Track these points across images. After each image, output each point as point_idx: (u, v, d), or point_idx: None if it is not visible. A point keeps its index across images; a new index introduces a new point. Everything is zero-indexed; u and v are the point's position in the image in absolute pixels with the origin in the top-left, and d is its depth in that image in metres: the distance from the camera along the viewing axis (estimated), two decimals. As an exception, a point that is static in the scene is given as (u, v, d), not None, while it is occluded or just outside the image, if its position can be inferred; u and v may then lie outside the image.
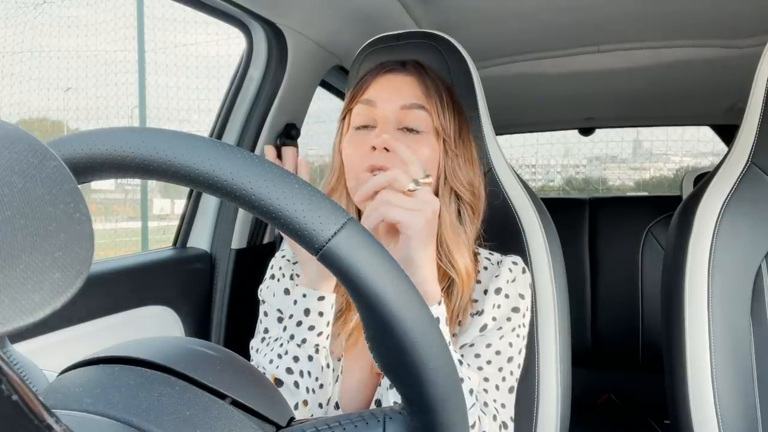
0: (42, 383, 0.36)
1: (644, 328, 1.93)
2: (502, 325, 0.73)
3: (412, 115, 0.73)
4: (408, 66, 0.77)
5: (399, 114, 0.73)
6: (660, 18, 1.35)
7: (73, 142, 0.30)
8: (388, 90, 0.74)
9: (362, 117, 0.75)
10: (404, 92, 0.74)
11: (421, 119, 0.73)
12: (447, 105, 0.75)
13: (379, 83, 0.75)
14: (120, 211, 5.34)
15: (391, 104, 0.73)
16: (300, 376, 0.66)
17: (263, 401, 0.34)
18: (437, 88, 0.75)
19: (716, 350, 0.81)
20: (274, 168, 0.30)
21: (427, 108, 0.73)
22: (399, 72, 0.76)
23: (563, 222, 1.12)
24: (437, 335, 0.31)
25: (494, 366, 0.71)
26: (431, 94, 0.74)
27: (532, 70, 1.67)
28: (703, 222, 0.85)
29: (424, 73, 0.76)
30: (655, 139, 5.39)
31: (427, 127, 0.74)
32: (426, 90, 0.74)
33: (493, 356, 0.71)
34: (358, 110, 0.75)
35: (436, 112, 0.74)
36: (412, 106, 0.73)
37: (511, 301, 0.75)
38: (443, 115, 0.74)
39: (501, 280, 0.75)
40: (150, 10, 4.14)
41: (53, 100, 4.67)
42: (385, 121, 0.73)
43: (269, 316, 0.78)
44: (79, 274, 0.20)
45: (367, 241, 0.30)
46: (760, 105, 0.86)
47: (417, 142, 0.73)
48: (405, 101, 0.73)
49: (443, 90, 0.76)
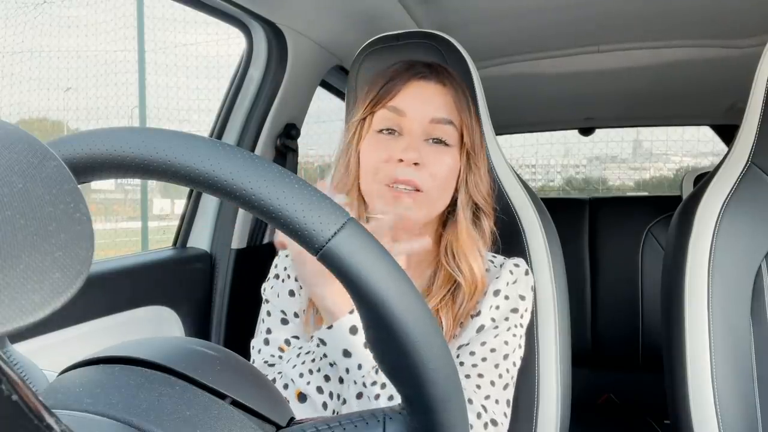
0: (42, 383, 0.36)
1: (644, 328, 1.93)
2: (498, 325, 0.73)
3: (441, 129, 0.73)
4: (438, 72, 0.75)
5: (428, 126, 0.72)
6: (660, 18, 1.35)
7: (73, 142, 0.30)
8: (418, 100, 0.73)
9: (388, 122, 0.73)
10: (435, 104, 0.73)
11: (448, 133, 0.73)
12: (473, 118, 0.75)
13: (409, 91, 0.73)
14: (120, 211, 5.34)
15: (422, 116, 0.72)
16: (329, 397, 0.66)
17: (263, 401, 0.34)
18: (466, 100, 0.75)
19: (716, 350, 0.81)
20: (274, 168, 0.30)
21: (456, 124, 0.73)
22: (429, 80, 0.74)
23: (563, 222, 1.12)
24: (438, 335, 0.31)
25: (490, 363, 0.71)
26: (462, 108, 0.74)
27: (532, 70, 1.67)
28: (703, 222, 0.85)
29: (455, 83, 0.76)
30: (655, 139, 5.39)
31: (452, 140, 0.73)
32: (458, 104, 0.74)
33: (488, 353, 0.71)
34: (383, 115, 0.73)
35: (466, 127, 0.73)
36: (441, 121, 0.72)
37: (510, 302, 0.75)
38: (471, 130, 0.74)
39: (501, 282, 0.75)
40: (150, 10, 4.14)
41: (53, 100, 4.67)
42: (414, 133, 0.72)
43: (272, 317, 0.77)
44: (79, 274, 0.20)
45: (368, 241, 0.30)
46: (760, 105, 0.86)
47: (443, 153, 0.73)
48: (435, 114, 0.72)
49: (470, 101, 0.76)
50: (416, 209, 0.71)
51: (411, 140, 0.71)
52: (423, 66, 0.76)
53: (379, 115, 0.74)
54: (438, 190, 0.72)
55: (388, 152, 0.71)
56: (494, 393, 0.70)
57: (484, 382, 0.69)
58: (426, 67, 0.76)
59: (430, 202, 0.72)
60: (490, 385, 0.70)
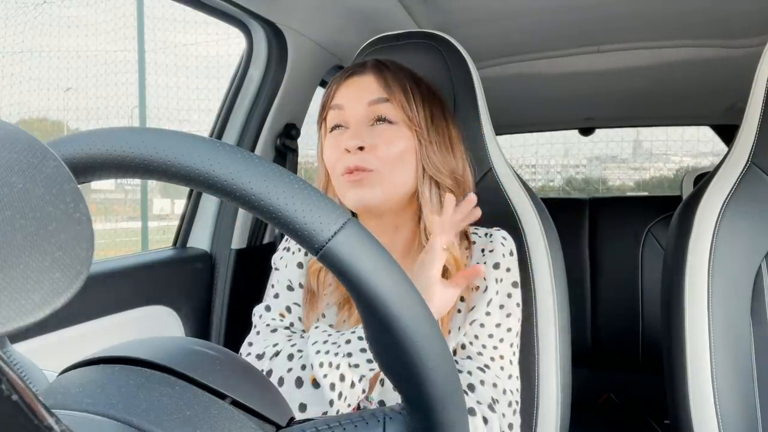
0: (42, 383, 0.36)
1: (644, 328, 1.93)
2: (504, 303, 0.76)
3: (379, 108, 0.75)
4: (368, 66, 0.79)
5: (367, 111, 0.75)
6: (660, 18, 1.35)
7: (73, 142, 0.30)
8: (352, 92, 0.77)
9: (335, 120, 0.77)
10: (368, 89, 0.76)
11: (388, 110, 0.75)
12: (412, 95, 0.76)
13: (344, 88, 0.78)
14: (120, 211, 5.34)
15: (358, 104, 0.76)
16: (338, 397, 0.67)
17: (263, 401, 0.34)
18: (398, 80, 0.77)
19: (716, 350, 0.81)
20: (274, 168, 0.30)
21: (391, 100, 0.75)
22: (360, 73, 0.78)
23: (563, 222, 1.12)
24: (437, 335, 0.31)
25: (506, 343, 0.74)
26: (392, 87, 0.76)
27: (532, 70, 1.67)
28: (703, 222, 0.85)
29: (384, 68, 0.78)
30: (655, 139, 5.40)
31: (395, 117, 0.75)
32: (386, 84, 0.76)
33: (505, 333, 0.74)
34: (331, 116, 0.78)
35: (400, 104, 0.75)
36: (378, 101, 0.75)
37: (512, 275, 0.77)
38: (408, 106, 0.76)
39: (497, 254, 0.77)
40: (150, 10, 4.14)
41: (53, 100, 4.68)
42: (356, 121, 0.75)
43: (281, 284, 0.81)
44: (79, 274, 0.20)
45: (368, 241, 0.30)
46: (760, 105, 0.86)
47: (388, 131, 0.75)
48: (369, 97, 0.75)
49: (406, 81, 0.77)
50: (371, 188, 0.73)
51: (354, 129, 0.75)
52: (356, 65, 0.80)
53: (329, 117, 0.78)
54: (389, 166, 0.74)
55: (338, 147, 0.75)
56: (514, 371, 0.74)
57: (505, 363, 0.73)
58: (359, 65, 0.80)
59: (382, 178, 0.73)
60: (510, 365, 0.74)
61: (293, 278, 0.81)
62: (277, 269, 0.84)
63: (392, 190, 0.75)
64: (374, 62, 0.80)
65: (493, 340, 0.73)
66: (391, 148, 0.74)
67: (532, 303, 0.84)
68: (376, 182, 0.73)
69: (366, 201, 0.73)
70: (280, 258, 0.84)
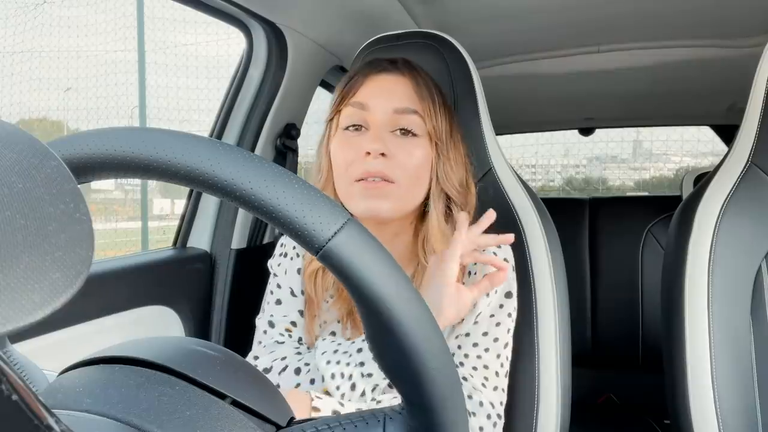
0: (42, 383, 0.36)
1: (644, 328, 1.93)
2: (494, 313, 0.74)
3: (405, 119, 0.72)
4: (399, 65, 0.75)
5: (392, 117, 0.72)
6: (660, 18, 1.35)
7: (73, 142, 0.30)
8: (380, 92, 0.72)
9: (353, 118, 0.73)
10: (397, 94, 0.72)
11: (414, 122, 0.72)
12: (439, 107, 0.73)
13: (371, 85, 0.73)
14: (120, 211, 5.34)
15: (384, 108, 0.71)
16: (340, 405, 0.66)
17: (263, 401, 0.34)
18: (429, 89, 0.74)
19: (716, 350, 0.81)
20: (274, 168, 0.30)
21: (420, 112, 0.72)
22: (390, 72, 0.74)
23: (563, 222, 1.12)
24: (438, 335, 0.31)
25: (492, 353, 0.72)
26: (424, 97, 0.72)
27: (532, 70, 1.67)
28: (703, 222, 0.85)
29: (416, 73, 0.75)
30: (655, 139, 5.40)
31: (420, 130, 0.72)
32: (419, 92, 0.73)
33: (491, 344, 0.72)
34: (348, 112, 0.73)
35: (429, 116, 0.72)
36: (405, 111, 0.72)
37: (504, 286, 0.75)
38: (435, 119, 0.73)
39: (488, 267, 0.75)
40: (150, 10, 4.14)
41: (53, 100, 4.68)
42: (378, 125, 0.71)
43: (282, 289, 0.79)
44: (79, 274, 0.20)
45: (368, 241, 0.30)
46: (760, 105, 0.86)
47: (410, 143, 0.72)
48: (398, 104, 0.72)
49: (435, 91, 0.74)
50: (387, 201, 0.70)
51: (376, 132, 0.71)
52: (384, 61, 0.76)
53: (345, 113, 0.74)
54: (409, 181, 0.71)
55: (355, 148, 0.71)
56: (500, 383, 0.72)
57: (490, 374, 0.71)
58: (387, 61, 0.76)
59: (401, 193, 0.71)
60: (495, 376, 0.71)
61: (294, 286, 0.79)
62: (275, 275, 0.81)
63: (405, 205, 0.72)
64: (406, 63, 0.76)
65: (477, 349, 0.72)
66: (412, 160, 0.71)
67: (532, 303, 0.84)
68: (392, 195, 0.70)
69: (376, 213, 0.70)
70: (278, 265, 0.81)
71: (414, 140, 0.72)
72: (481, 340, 0.72)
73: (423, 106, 0.72)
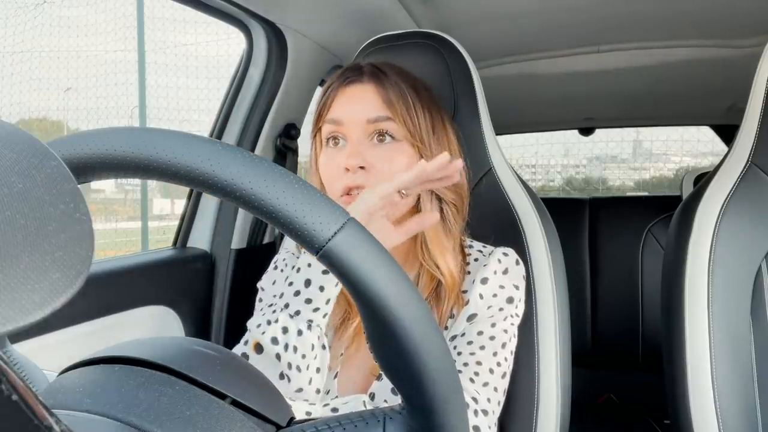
0: (42, 383, 0.36)
1: (644, 328, 1.93)
2: (494, 314, 0.73)
3: (380, 125, 0.71)
4: (365, 73, 0.74)
5: (366, 128, 0.71)
6: (660, 18, 1.35)
7: (73, 142, 0.30)
8: (350, 105, 0.72)
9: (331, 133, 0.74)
10: (366, 104, 0.72)
11: (390, 128, 0.71)
12: (414, 108, 0.72)
13: (341, 99, 0.73)
14: (120, 211, 5.35)
15: (357, 120, 0.71)
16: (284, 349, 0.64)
17: (263, 401, 0.34)
18: (401, 91, 0.72)
19: (716, 350, 0.81)
20: (274, 168, 0.30)
21: (393, 117, 0.71)
22: (357, 82, 0.73)
23: (563, 222, 1.12)
24: (438, 336, 0.31)
25: (488, 351, 0.70)
26: (393, 102, 0.71)
27: (532, 70, 1.67)
28: (703, 222, 0.85)
29: (384, 77, 0.73)
30: (655, 139, 5.40)
31: (399, 134, 0.72)
32: (387, 97, 0.71)
33: (487, 341, 0.71)
34: (326, 129, 0.74)
35: (402, 120, 0.71)
36: (377, 119, 0.71)
37: (506, 291, 0.74)
38: (411, 121, 0.71)
39: (488, 270, 0.74)
40: (150, 10, 4.14)
41: (53, 100, 4.69)
42: (354, 139, 0.71)
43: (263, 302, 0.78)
44: (79, 274, 0.20)
45: (368, 241, 0.30)
46: (760, 105, 0.86)
47: (390, 149, 0.71)
48: (370, 114, 0.71)
49: (408, 93, 0.73)
50: None
51: (353, 147, 0.71)
52: (352, 71, 0.75)
53: (324, 130, 0.75)
54: None
55: (335, 164, 0.71)
56: (492, 380, 0.69)
57: (483, 370, 0.69)
58: (355, 70, 0.75)
59: None
60: (488, 373, 0.69)
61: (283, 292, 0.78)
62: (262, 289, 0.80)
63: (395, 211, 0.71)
64: (372, 69, 0.75)
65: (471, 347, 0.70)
66: (393, 168, 0.70)
67: (532, 303, 0.84)
68: None
69: None
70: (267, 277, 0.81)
71: (394, 145, 0.71)
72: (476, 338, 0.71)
73: (394, 110, 0.71)
